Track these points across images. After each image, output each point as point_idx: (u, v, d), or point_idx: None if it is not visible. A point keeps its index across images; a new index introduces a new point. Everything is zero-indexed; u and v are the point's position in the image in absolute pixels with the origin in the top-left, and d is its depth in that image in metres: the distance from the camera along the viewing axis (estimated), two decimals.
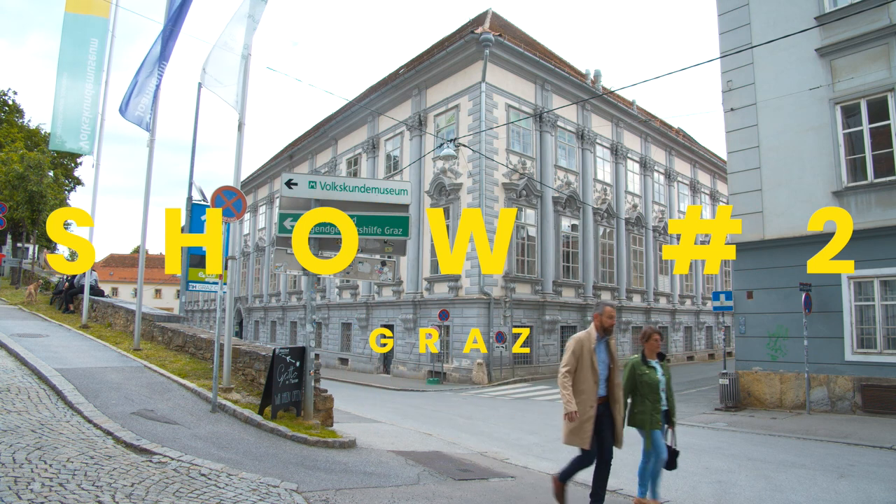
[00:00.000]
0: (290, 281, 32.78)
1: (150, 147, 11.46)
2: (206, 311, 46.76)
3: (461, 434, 9.18)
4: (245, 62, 8.59)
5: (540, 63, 22.12)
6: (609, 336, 4.83)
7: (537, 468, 6.85)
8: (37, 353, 9.11)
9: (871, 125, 10.93)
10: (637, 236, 27.35)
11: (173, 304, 65.25)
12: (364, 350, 25.04)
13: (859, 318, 10.87)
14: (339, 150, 29.22)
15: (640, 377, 4.99)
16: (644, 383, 4.95)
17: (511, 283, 20.46)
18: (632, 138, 27.76)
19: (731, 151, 13.02)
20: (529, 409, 13.00)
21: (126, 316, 13.11)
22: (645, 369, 5.02)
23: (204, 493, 4.34)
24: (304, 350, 7.41)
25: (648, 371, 5.01)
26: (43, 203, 24.63)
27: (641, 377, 4.98)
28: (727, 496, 5.86)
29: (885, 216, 10.60)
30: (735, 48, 12.36)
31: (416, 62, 24.87)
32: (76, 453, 4.82)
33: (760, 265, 12.16)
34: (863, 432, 9.10)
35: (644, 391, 4.94)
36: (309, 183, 7.41)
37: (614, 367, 4.81)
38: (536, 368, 21.03)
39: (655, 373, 5.03)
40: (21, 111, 34.81)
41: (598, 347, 4.73)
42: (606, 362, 4.78)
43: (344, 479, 5.41)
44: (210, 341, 9.72)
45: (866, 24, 10.87)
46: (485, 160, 19.84)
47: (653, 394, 4.93)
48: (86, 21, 12.82)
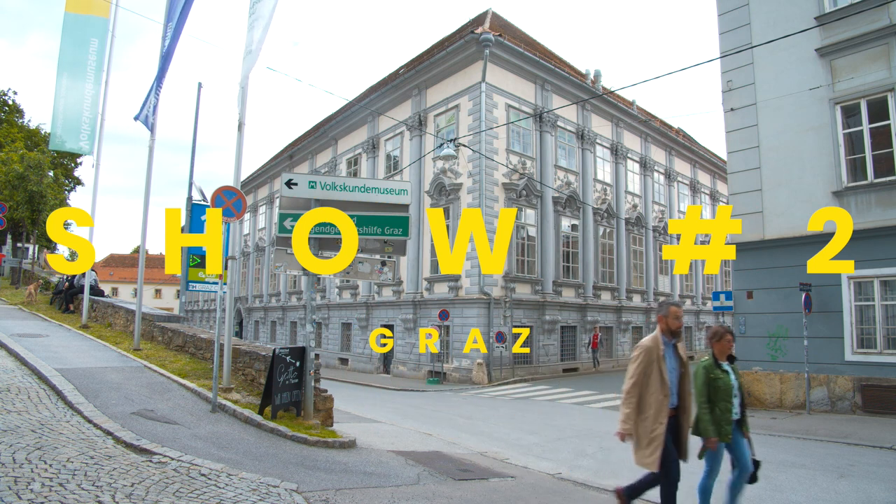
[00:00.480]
0: (290, 281, 32.78)
1: (151, 147, 11.47)
2: (206, 311, 46.76)
3: (461, 434, 9.18)
4: (245, 61, 8.58)
5: (540, 63, 22.12)
6: (677, 339, 4.43)
7: (537, 468, 6.84)
8: (37, 353, 9.11)
9: (871, 125, 10.93)
10: (637, 236, 27.36)
11: (173, 304, 65.26)
12: (364, 350, 25.04)
13: (859, 318, 10.87)
14: (339, 150, 29.22)
15: (713, 381, 4.48)
16: (718, 389, 4.45)
17: (511, 283, 20.46)
18: (632, 138, 27.77)
19: (731, 151, 13.02)
20: (529, 409, 13.00)
21: (126, 316, 13.11)
22: (719, 373, 4.52)
23: (204, 493, 4.34)
24: (304, 350, 7.41)
25: (722, 375, 4.52)
26: (43, 203, 24.64)
27: (715, 381, 4.47)
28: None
29: (885, 216, 10.59)
30: (735, 48, 12.36)
31: (416, 62, 24.88)
32: (76, 453, 4.82)
33: (760, 265, 12.15)
34: (863, 432, 9.10)
35: (717, 398, 4.45)
36: (309, 183, 7.41)
37: (685, 374, 4.38)
38: (536, 368, 21.04)
39: (729, 377, 4.55)
40: (21, 111, 34.84)
41: (666, 353, 4.32)
42: (676, 369, 4.38)
43: (344, 479, 5.41)
44: (210, 341, 9.72)
45: (866, 24, 10.87)
46: (485, 160, 19.84)
47: (725, 401, 4.44)
48: (86, 21, 12.82)
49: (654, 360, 4.23)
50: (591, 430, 9.83)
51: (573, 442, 8.71)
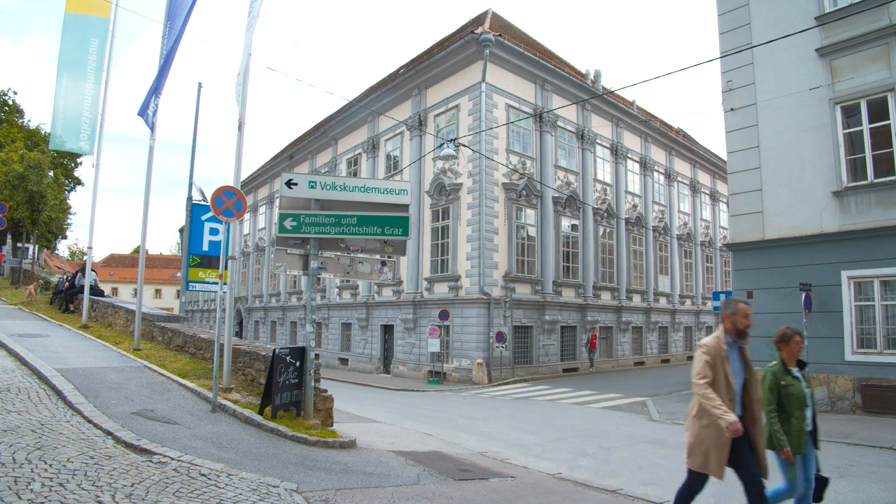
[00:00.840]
0: (290, 281, 32.78)
1: (151, 146, 11.47)
2: (206, 311, 46.77)
3: (461, 434, 9.18)
4: (245, 61, 8.58)
5: (540, 63, 22.12)
6: (743, 341, 3.98)
7: (537, 468, 6.85)
8: (37, 353, 9.11)
9: (871, 125, 10.93)
10: (637, 236, 27.36)
11: (173, 304, 65.27)
12: (364, 350, 25.04)
13: (859, 318, 10.87)
14: (339, 150, 29.22)
15: (784, 389, 4.13)
16: (790, 397, 4.09)
17: (511, 283, 20.46)
18: (632, 138, 27.77)
19: (731, 151, 13.03)
20: (529, 409, 13.00)
21: (126, 316, 13.10)
22: (790, 379, 4.16)
23: (204, 493, 4.34)
24: (304, 350, 7.41)
25: (793, 382, 4.16)
26: (43, 203, 24.66)
27: (786, 389, 4.12)
28: (727, 496, 5.85)
29: (885, 216, 10.60)
30: (735, 48, 12.36)
31: (416, 62, 24.88)
32: (76, 453, 4.82)
33: (760, 265, 12.16)
34: (863, 432, 9.10)
35: (790, 407, 4.08)
36: (309, 183, 7.41)
37: (751, 379, 3.95)
38: (536, 368, 21.04)
39: (800, 384, 4.18)
40: (21, 111, 34.87)
41: (730, 355, 3.91)
42: (741, 373, 3.95)
43: (344, 479, 5.41)
44: (210, 341, 9.72)
45: (866, 24, 10.87)
46: (485, 160, 19.84)
47: (800, 410, 4.09)
48: (86, 21, 12.83)
49: (720, 362, 3.84)
50: (591, 430, 9.83)
51: (573, 442, 8.71)
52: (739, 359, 3.96)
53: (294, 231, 7.29)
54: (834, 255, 11.08)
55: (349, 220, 7.35)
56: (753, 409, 3.89)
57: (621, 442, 8.78)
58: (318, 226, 7.32)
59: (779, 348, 4.27)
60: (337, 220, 7.33)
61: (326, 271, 7.55)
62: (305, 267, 7.49)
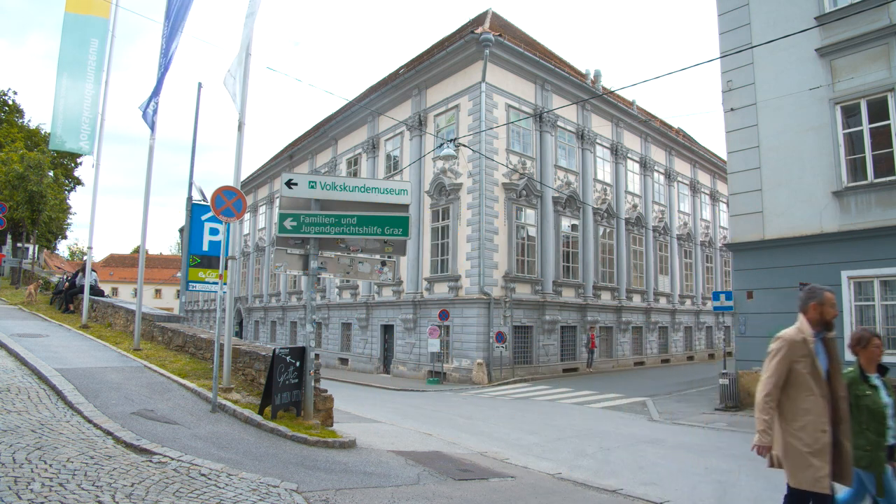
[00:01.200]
0: (290, 281, 32.78)
1: (151, 146, 11.47)
2: (206, 311, 46.77)
3: (461, 434, 9.18)
4: (245, 61, 8.58)
5: (540, 63, 22.12)
6: (828, 332, 3.58)
7: (537, 468, 6.85)
8: (37, 353, 9.11)
9: (871, 125, 10.93)
10: (637, 236, 27.36)
11: (173, 304, 65.27)
12: (364, 350, 25.05)
13: (859, 319, 10.86)
14: (339, 150, 29.22)
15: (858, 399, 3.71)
16: (865, 408, 3.68)
17: (511, 283, 20.46)
18: (632, 138, 27.77)
19: (731, 151, 13.02)
20: (529, 409, 13.00)
21: (126, 316, 13.11)
22: (866, 389, 3.74)
23: (204, 493, 4.34)
24: (304, 350, 7.41)
25: (871, 391, 3.73)
26: (43, 203, 24.67)
27: (861, 400, 3.71)
28: (727, 496, 5.86)
29: (885, 216, 10.59)
30: (735, 48, 12.36)
31: (416, 62, 24.88)
32: (76, 453, 4.82)
33: (760, 265, 12.15)
34: None
35: (864, 419, 3.67)
36: (309, 183, 7.41)
37: (836, 375, 3.55)
38: (536, 368, 21.04)
39: (879, 394, 3.74)
40: (21, 111, 34.89)
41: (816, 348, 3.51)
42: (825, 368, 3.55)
43: (344, 479, 5.41)
44: (210, 341, 9.72)
45: (866, 24, 10.87)
46: (485, 160, 19.84)
47: (876, 423, 3.66)
48: (86, 21, 12.83)
49: (806, 356, 3.45)
50: (591, 430, 9.84)
51: (573, 442, 8.72)
52: (824, 352, 3.58)
53: (294, 231, 7.29)
54: (834, 255, 11.07)
55: (349, 220, 7.35)
56: (840, 407, 3.51)
57: (621, 442, 8.79)
58: (318, 226, 7.32)
59: (856, 353, 3.90)
60: (337, 220, 7.34)
61: (326, 271, 7.55)
62: (305, 267, 7.50)
